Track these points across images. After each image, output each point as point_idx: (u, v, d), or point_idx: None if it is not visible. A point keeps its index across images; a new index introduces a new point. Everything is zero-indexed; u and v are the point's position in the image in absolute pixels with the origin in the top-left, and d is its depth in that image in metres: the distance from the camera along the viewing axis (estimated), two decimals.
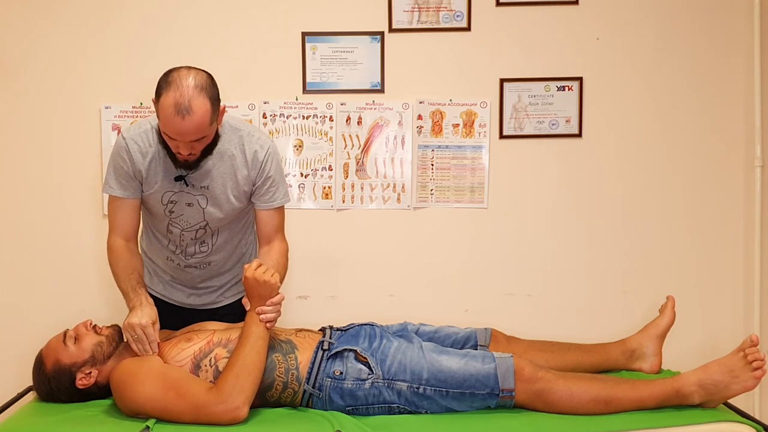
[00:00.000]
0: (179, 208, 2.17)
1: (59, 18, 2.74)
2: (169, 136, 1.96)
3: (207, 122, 1.93)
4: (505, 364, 1.96)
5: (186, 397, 1.85)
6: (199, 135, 1.95)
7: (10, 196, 2.78)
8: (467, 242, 2.89)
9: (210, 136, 2.02)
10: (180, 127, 1.90)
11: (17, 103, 2.76)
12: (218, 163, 2.11)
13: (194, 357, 1.97)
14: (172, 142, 1.98)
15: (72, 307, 2.73)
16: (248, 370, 1.87)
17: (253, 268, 1.95)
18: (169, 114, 1.88)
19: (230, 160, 2.12)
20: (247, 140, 2.14)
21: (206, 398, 1.84)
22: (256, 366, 1.90)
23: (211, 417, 1.83)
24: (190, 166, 2.07)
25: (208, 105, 1.92)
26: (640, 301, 2.81)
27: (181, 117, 1.88)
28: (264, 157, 2.14)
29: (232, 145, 2.13)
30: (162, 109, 1.91)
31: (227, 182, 2.13)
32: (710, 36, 2.85)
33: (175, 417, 1.84)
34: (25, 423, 1.92)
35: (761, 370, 1.95)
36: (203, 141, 2.00)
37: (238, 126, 2.17)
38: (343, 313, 2.67)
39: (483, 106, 2.85)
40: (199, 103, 1.89)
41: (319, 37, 2.80)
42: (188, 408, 1.84)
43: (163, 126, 1.94)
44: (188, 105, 1.87)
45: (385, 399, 1.96)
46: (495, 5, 2.82)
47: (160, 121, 1.95)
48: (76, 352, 2.00)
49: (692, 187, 2.89)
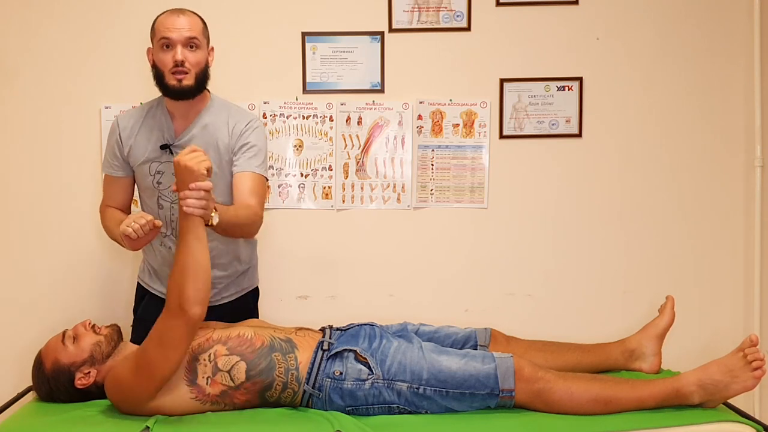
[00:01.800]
0: (166, 179, 2.21)
1: (59, 18, 2.75)
2: (165, 43, 2.09)
3: (200, 28, 2.14)
4: (505, 364, 1.96)
5: (151, 336, 1.88)
6: (194, 33, 2.10)
7: (10, 196, 2.78)
8: (467, 242, 2.89)
9: (202, 51, 2.14)
10: (176, 21, 2.09)
11: (17, 103, 2.76)
12: (202, 132, 2.18)
13: (192, 350, 1.96)
14: (168, 54, 2.09)
15: (72, 307, 2.74)
16: (192, 276, 1.83)
17: (185, 152, 1.85)
18: (166, 17, 2.11)
19: (214, 131, 2.20)
20: (234, 114, 2.25)
21: (164, 324, 1.85)
22: (200, 267, 1.84)
23: (176, 332, 1.84)
24: (183, 92, 2.12)
25: (200, 20, 2.16)
26: (640, 301, 2.81)
27: (177, 15, 2.10)
28: (245, 127, 2.21)
29: (219, 118, 2.21)
30: (159, 20, 2.13)
31: (209, 152, 2.11)
32: (710, 36, 2.85)
33: (160, 359, 1.86)
34: (25, 423, 1.92)
35: (761, 370, 1.95)
36: (196, 53, 2.12)
37: (227, 104, 2.29)
38: (343, 313, 2.68)
39: (483, 106, 2.85)
40: (192, 13, 2.15)
41: (319, 37, 2.80)
42: (157, 340, 1.86)
43: (160, 30, 2.10)
44: (183, 10, 2.13)
45: (385, 399, 1.96)
46: (495, 5, 2.82)
47: (156, 35, 2.12)
48: (75, 351, 2.00)
49: (692, 187, 2.89)
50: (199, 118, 2.20)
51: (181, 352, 1.87)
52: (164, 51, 2.10)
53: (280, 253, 2.86)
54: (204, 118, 2.20)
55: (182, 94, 2.13)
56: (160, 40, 2.10)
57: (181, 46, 2.09)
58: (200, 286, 1.85)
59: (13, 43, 2.74)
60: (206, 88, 2.22)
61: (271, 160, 2.82)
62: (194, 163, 1.82)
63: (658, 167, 2.88)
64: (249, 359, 1.95)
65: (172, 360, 1.86)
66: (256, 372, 1.95)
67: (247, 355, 1.96)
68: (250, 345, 1.98)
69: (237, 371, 1.94)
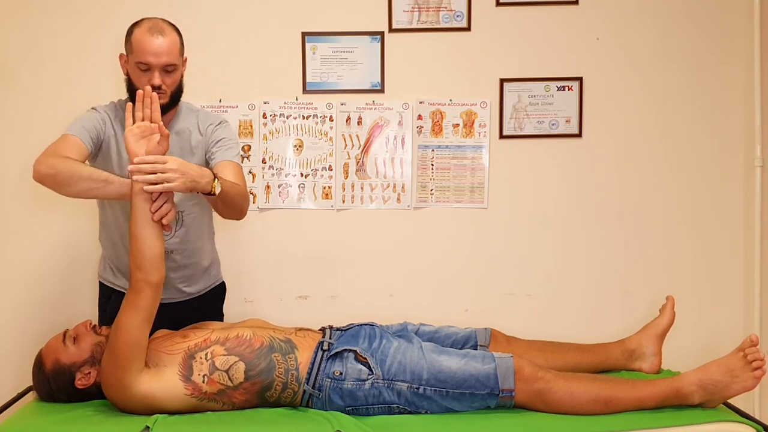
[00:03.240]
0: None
1: (60, 18, 2.75)
2: (143, 66, 2.07)
3: (178, 49, 2.11)
4: (505, 364, 1.96)
5: (121, 313, 1.91)
6: (172, 59, 2.08)
7: (10, 196, 2.78)
8: (467, 242, 2.89)
9: (178, 72, 2.13)
10: (155, 45, 2.05)
11: (18, 103, 2.76)
12: (177, 138, 2.21)
13: (188, 349, 1.97)
14: (144, 76, 2.07)
15: (72, 308, 2.74)
16: (148, 251, 1.89)
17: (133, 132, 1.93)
18: (144, 36, 2.06)
19: (188, 136, 2.23)
20: (202, 117, 2.28)
21: (131, 300, 1.90)
22: (153, 245, 1.91)
23: (139, 294, 1.90)
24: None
25: (177, 34, 2.13)
26: (640, 301, 2.81)
27: (156, 37, 2.06)
28: (216, 126, 2.26)
29: (189, 123, 2.24)
30: (136, 37, 2.08)
31: (185, 155, 2.18)
32: (710, 36, 2.85)
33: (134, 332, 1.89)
34: (25, 423, 1.92)
35: (761, 370, 1.95)
36: (173, 75, 2.11)
37: (194, 108, 2.32)
38: (343, 313, 2.68)
39: (483, 106, 2.85)
40: (170, 29, 2.11)
41: (319, 37, 2.80)
42: (127, 309, 1.90)
43: (138, 53, 2.07)
44: (161, 28, 2.09)
45: (385, 399, 1.96)
46: (495, 5, 2.82)
47: (133, 54, 2.08)
48: (76, 352, 2.00)
49: (692, 187, 2.89)
50: (171, 125, 2.21)
51: (146, 313, 1.91)
52: (141, 72, 2.09)
53: (280, 253, 2.86)
54: (176, 125, 2.22)
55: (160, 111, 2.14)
56: (138, 62, 2.08)
57: (158, 71, 2.08)
58: (162, 251, 1.93)
59: (14, 44, 2.75)
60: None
61: (271, 160, 2.83)
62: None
63: (658, 167, 2.88)
64: (248, 360, 1.95)
65: (137, 323, 1.90)
66: (256, 372, 1.95)
67: (246, 355, 1.96)
68: (248, 345, 1.98)
69: (235, 371, 1.94)
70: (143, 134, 1.93)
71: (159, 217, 1.90)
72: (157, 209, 1.90)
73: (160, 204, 1.91)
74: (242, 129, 2.82)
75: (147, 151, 1.92)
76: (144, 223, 1.89)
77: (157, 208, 1.90)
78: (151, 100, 1.95)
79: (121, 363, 1.88)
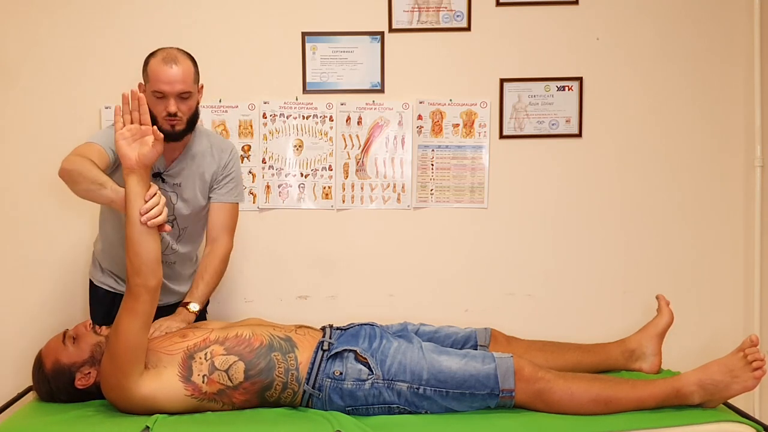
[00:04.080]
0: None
1: (60, 18, 2.75)
2: (158, 94, 2.13)
3: (192, 76, 2.17)
4: (505, 365, 1.96)
5: (120, 318, 1.89)
6: (186, 86, 2.14)
7: (10, 196, 2.78)
8: (467, 242, 2.89)
9: (193, 98, 2.20)
10: (169, 74, 2.11)
11: (17, 103, 2.76)
12: (190, 163, 2.29)
13: (187, 349, 1.96)
14: (160, 103, 2.13)
15: (72, 308, 2.74)
16: (145, 255, 1.88)
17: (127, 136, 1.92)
18: (159, 66, 2.13)
19: (201, 160, 2.32)
20: (216, 143, 2.37)
21: (129, 306, 1.89)
22: (150, 249, 1.89)
23: (138, 300, 1.88)
24: (175, 136, 2.19)
25: (191, 63, 2.19)
26: (640, 301, 2.81)
27: (170, 66, 2.12)
28: (229, 156, 2.38)
29: (203, 147, 2.33)
30: (151, 67, 2.15)
31: (196, 180, 2.31)
32: (710, 36, 2.85)
33: (133, 336, 1.88)
34: (25, 423, 1.92)
35: (761, 371, 1.95)
36: (188, 101, 2.17)
37: (207, 131, 2.43)
38: (343, 313, 2.67)
39: (483, 106, 2.85)
40: (184, 58, 2.17)
41: (319, 37, 2.80)
42: (125, 313, 1.89)
43: (153, 82, 2.13)
44: (175, 57, 2.15)
45: (385, 399, 1.96)
46: (495, 5, 2.82)
47: (149, 83, 2.15)
48: (76, 352, 2.00)
49: (692, 187, 2.89)
50: (187, 149, 2.29)
51: (145, 318, 1.90)
52: (157, 100, 2.15)
53: (280, 253, 2.86)
54: (192, 148, 2.30)
55: (174, 138, 2.21)
56: (154, 91, 2.14)
57: (173, 99, 2.14)
58: (159, 253, 1.92)
59: (14, 43, 2.74)
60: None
61: (271, 160, 2.83)
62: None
63: (658, 167, 2.88)
64: (247, 359, 1.95)
65: (137, 328, 1.89)
66: (256, 372, 1.95)
67: (245, 355, 1.96)
68: (248, 345, 1.98)
69: (235, 371, 1.94)
70: (134, 137, 1.92)
71: (147, 219, 1.86)
72: (147, 211, 1.87)
73: (151, 206, 1.88)
74: (242, 129, 2.82)
75: (140, 155, 1.89)
76: (141, 227, 1.88)
77: (148, 210, 1.87)
78: (139, 103, 1.93)
79: (121, 367, 1.88)
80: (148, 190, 1.89)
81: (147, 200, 1.88)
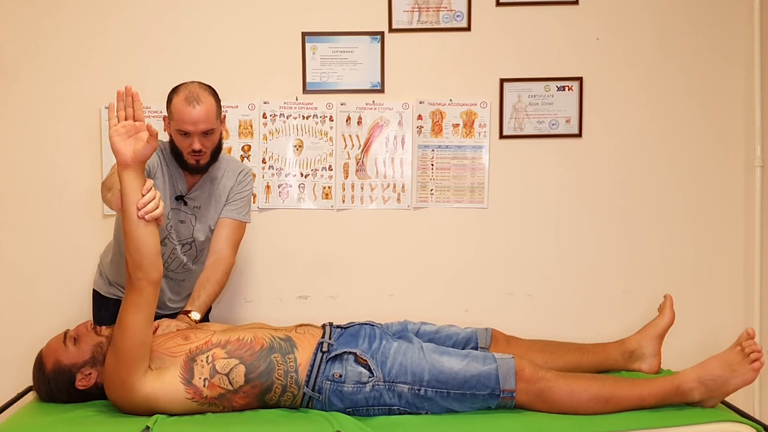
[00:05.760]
0: (174, 223, 2.36)
1: (60, 18, 2.75)
2: (182, 132, 2.20)
3: (214, 113, 2.22)
4: (506, 365, 1.96)
5: (124, 313, 1.89)
6: (209, 125, 2.21)
7: (11, 197, 2.78)
8: (467, 242, 2.89)
9: (216, 133, 2.27)
10: (192, 114, 2.17)
11: (17, 104, 2.76)
12: (210, 186, 2.38)
13: (190, 351, 1.96)
14: (185, 140, 2.22)
15: (72, 308, 2.74)
16: (145, 249, 1.87)
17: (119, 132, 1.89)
18: (182, 106, 2.18)
19: (218, 182, 2.40)
20: (230, 165, 2.44)
21: (133, 300, 1.89)
22: (150, 243, 1.88)
23: (141, 293, 1.88)
24: (199, 170, 2.30)
25: (213, 99, 2.24)
26: (640, 301, 2.81)
27: (192, 106, 2.18)
28: (246, 176, 2.45)
29: (220, 169, 2.40)
30: (175, 106, 2.20)
31: (214, 202, 2.39)
32: (710, 36, 2.85)
33: (137, 336, 1.88)
34: (25, 423, 1.92)
35: (759, 362, 1.95)
36: (212, 137, 2.25)
37: (227, 157, 2.50)
38: (343, 313, 2.67)
39: (483, 106, 2.85)
40: (206, 95, 2.22)
41: (319, 37, 2.80)
42: (131, 309, 1.88)
43: (177, 122, 2.20)
44: (197, 96, 2.19)
45: (386, 401, 1.96)
46: (495, 5, 2.82)
47: (174, 121, 2.22)
48: (76, 352, 1.99)
49: (692, 187, 2.89)
50: (209, 173, 2.37)
51: (149, 312, 1.90)
52: (182, 137, 2.23)
53: (280, 253, 2.86)
54: (210, 172, 2.37)
55: (199, 171, 2.32)
56: (178, 129, 2.22)
57: (197, 137, 2.21)
58: (158, 249, 1.91)
59: (14, 44, 2.74)
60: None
61: (271, 160, 2.83)
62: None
63: (658, 167, 2.88)
64: (248, 362, 1.95)
65: (141, 322, 1.89)
66: (256, 375, 1.94)
67: (246, 358, 1.95)
68: (249, 348, 1.97)
69: (236, 374, 1.93)
70: (128, 133, 1.90)
71: (144, 213, 1.85)
72: (144, 205, 1.85)
73: (148, 200, 1.86)
74: (242, 129, 2.82)
75: (135, 151, 1.86)
76: (138, 222, 1.88)
77: (145, 203, 1.85)
78: (133, 99, 1.92)
79: (126, 363, 1.88)
80: (144, 185, 1.89)
81: (144, 194, 1.87)
